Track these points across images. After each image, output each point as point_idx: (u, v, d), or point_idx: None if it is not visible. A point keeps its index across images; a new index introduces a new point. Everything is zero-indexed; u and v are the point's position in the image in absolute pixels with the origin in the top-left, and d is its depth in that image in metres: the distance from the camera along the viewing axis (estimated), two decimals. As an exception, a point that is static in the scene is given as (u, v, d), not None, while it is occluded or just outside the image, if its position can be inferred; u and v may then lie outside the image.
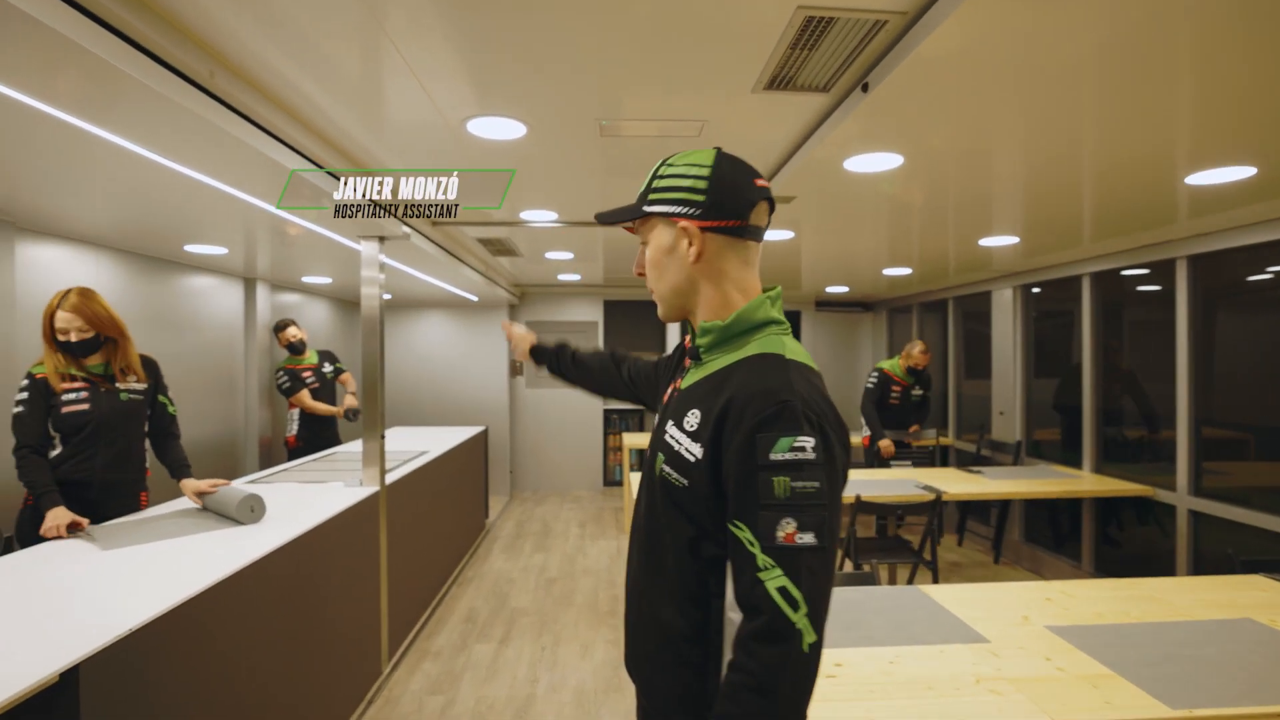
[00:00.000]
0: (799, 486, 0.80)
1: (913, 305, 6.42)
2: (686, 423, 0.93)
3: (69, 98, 1.61)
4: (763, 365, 0.90)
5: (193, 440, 4.18)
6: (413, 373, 7.07)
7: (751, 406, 0.84)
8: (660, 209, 0.98)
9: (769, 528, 0.80)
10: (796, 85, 1.84)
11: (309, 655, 2.39)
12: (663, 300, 1.03)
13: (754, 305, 0.97)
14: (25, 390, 2.34)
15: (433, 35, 1.56)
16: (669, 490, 0.93)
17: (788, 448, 0.81)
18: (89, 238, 3.27)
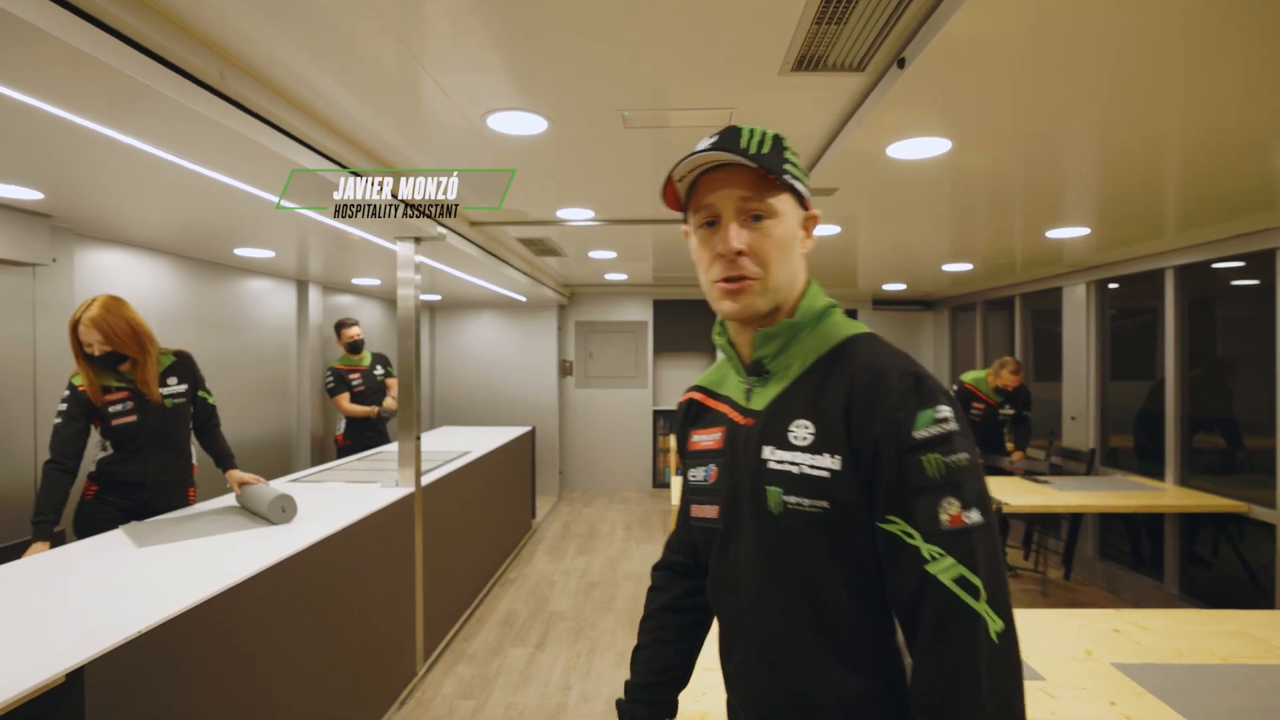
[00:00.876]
0: (952, 460, 0.72)
1: (977, 303, 6.06)
2: (795, 437, 0.81)
3: (98, 109, 1.63)
4: (866, 346, 0.82)
5: (248, 437, 4.33)
6: (464, 372, 7.17)
7: (881, 389, 0.75)
8: (799, 186, 0.86)
9: (930, 513, 0.71)
10: (828, 65, 1.70)
11: (341, 655, 2.39)
12: (771, 291, 0.85)
13: (813, 293, 0.88)
14: (65, 402, 2.34)
15: (455, 29, 1.50)
16: (806, 523, 0.78)
17: (930, 421, 0.73)
18: (146, 243, 3.41)
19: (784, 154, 0.86)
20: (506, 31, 1.53)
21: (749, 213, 0.83)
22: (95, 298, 2.35)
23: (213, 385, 3.91)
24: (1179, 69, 1.52)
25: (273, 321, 4.65)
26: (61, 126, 1.71)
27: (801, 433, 0.80)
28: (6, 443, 2.75)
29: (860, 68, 1.71)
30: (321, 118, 2.03)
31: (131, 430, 2.42)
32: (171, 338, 3.65)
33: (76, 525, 2.45)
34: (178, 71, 1.51)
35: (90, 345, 2.30)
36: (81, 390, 2.34)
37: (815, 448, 0.79)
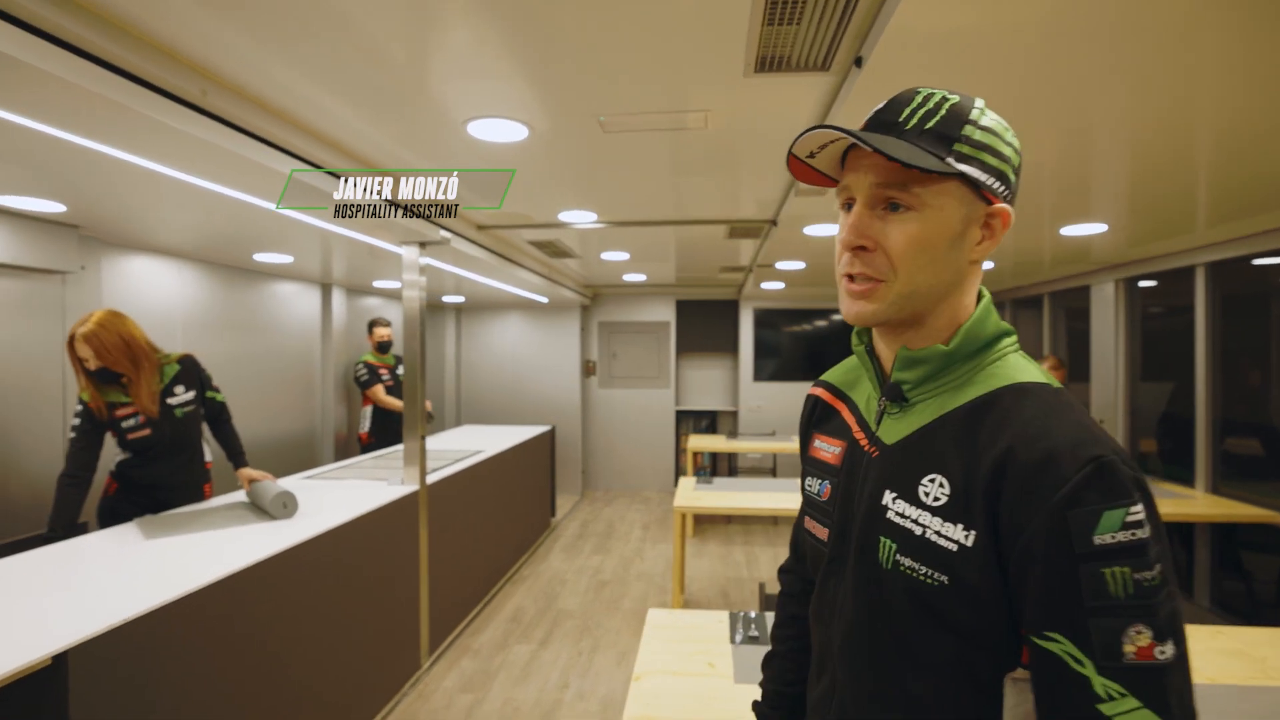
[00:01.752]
0: (1144, 579, 0.58)
1: (1005, 302, 5.88)
2: (924, 494, 0.68)
3: (94, 130, 1.73)
4: (1037, 403, 0.66)
5: (273, 435, 4.50)
6: (489, 372, 7.29)
7: (1050, 470, 0.60)
8: (978, 173, 0.69)
9: (1111, 640, 0.58)
10: (792, 65, 1.69)
11: (342, 646, 2.48)
12: (904, 300, 0.70)
13: (981, 315, 0.72)
14: (78, 417, 2.39)
15: (436, 40, 1.54)
16: (917, 591, 0.68)
17: (1119, 524, 0.58)
18: (171, 250, 3.58)
19: (962, 129, 0.69)
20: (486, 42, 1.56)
21: (885, 200, 0.69)
22: (93, 313, 2.38)
23: (240, 386, 4.08)
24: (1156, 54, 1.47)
25: (298, 324, 4.82)
26: (67, 147, 1.82)
27: (934, 490, 0.68)
28: (37, 442, 2.93)
29: (825, 67, 1.69)
30: (314, 130, 2.11)
31: (147, 442, 2.50)
32: (200, 341, 3.83)
33: (99, 518, 2.60)
34: (162, 93, 1.60)
35: (86, 360, 2.34)
36: (92, 408, 2.39)
37: (947, 513, 0.66)
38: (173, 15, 1.43)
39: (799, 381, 6.92)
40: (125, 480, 2.58)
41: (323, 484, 3.17)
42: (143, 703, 1.64)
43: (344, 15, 1.43)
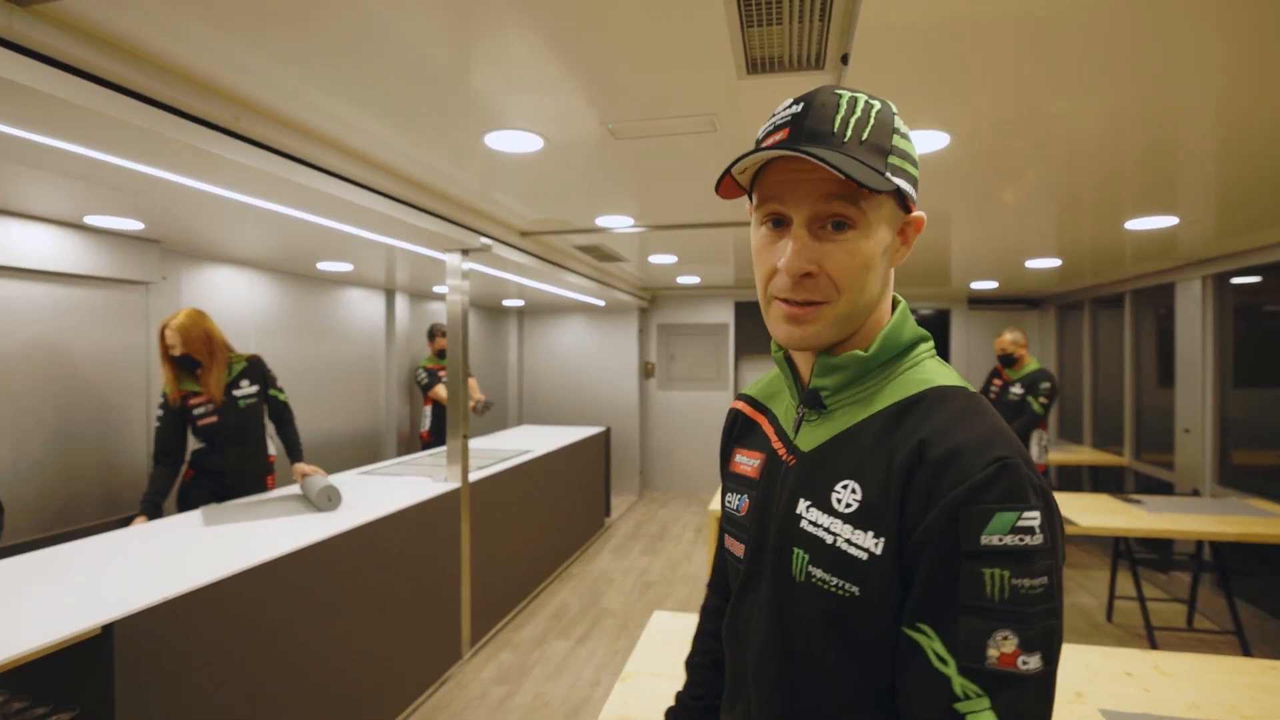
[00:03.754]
0: (1024, 585, 0.56)
1: (1084, 301, 5.50)
2: (837, 500, 0.66)
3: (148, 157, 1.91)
4: (950, 406, 0.65)
5: (340, 433, 4.79)
6: (549, 374, 7.47)
7: (953, 468, 0.59)
8: (904, 184, 0.68)
9: (977, 640, 0.56)
10: (785, 65, 1.67)
11: (382, 633, 2.62)
12: (850, 318, 0.69)
13: (898, 321, 0.71)
14: (161, 407, 2.79)
15: (454, 57, 1.63)
16: (827, 604, 0.65)
17: (1009, 528, 0.57)
18: (243, 260, 3.89)
19: (891, 139, 0.67)
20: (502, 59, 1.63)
21: (829, 218, 0.66)
22: (183, 309, 2.78)
23: (309, 386, 4.39)
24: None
25: (363, 327, 5.12)
26: (128, 173, 2.03)
27: (847, 496, 0.66)
28: (124, 434, 3.26)
29: (819, 65, 1.66)
30: (344, 145, 2.25)
31: (214, 429, 2.84)
32: (272, 345, 4.14)
33: (178, 501, 2.89)
34: (198, 121, 1.76)
35: (172, 347, 2.71)
36: (171, 399, 2.77)
37: (858, 520, 0.64)
38: (205, 49, 1.57)
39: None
40: (199, 467, 2.89)
41: (376, 479, 3.36)
42: (183, 674, 1.80)
43: (362, 39, 1.53)
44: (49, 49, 1.43)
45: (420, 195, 2.76)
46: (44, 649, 1.50)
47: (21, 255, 2.74)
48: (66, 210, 2.68)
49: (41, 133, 1.68)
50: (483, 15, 1.43)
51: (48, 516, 2.93)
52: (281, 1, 1.37)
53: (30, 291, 2.84)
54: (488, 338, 7.07)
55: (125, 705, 1.64)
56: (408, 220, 2.72)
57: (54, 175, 2.17)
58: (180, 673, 1.80)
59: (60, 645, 1.55)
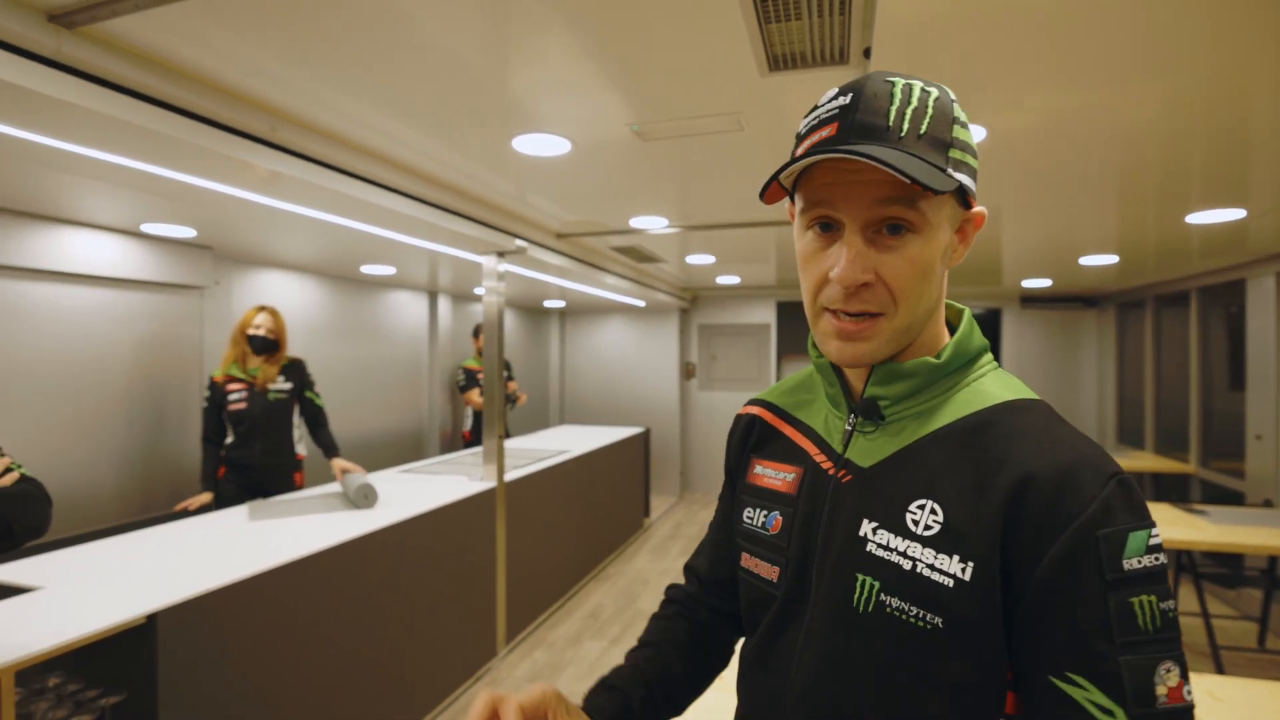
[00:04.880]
0: (1168, 609, 0.52)
1: (1146, 299, 5.22)
2: (914, 522, 0.60)
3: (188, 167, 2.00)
4: (1036, 420, 0.60)
5: (384, 431, 4.92)
6: (590, 374, 7.52)
7: (1073, 487, 0.54)
8: (967, 180, 0.62)
9: (1143, 680, 0.50)
10: (808, 61, 1.64)
11: (418, 629, 2.69)
12: (908, 330, 0.64)
13: (968, 329, 0.66)
14: (208, 390, 3.03)
15: (482, 63, 1.66)
16: (905, 637, 0.59)
17: (1144, 548, 0.52)
18: (292, 265, 4.03)
19: (952, 131, 0.61)
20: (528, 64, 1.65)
21: (884, 221, 0.60)
22: (264, 305, 3.11)
23: (354, 386, 4.52)
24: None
25: (407, 329, 5.25)
26: (173, 183, 2.12)
27: (925, 518, 0.60)
28: (182, 427, 3.44)
29: (843, 60, 1.62)
30: (377, 152, 2.31)
31: (241, 415, 3.01)
32: (319, 346, 4.28)
33: (215, 499, 3.03)
34: (235, 132, 1.83)
35: (260, 327, 3.01)
36: (215, 380, 3.04)
37: (941, 543, 0.58)
38: (244, 64, 1.63)
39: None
40: (229, 463, 3.04)
41: (416, 477, 3.44)
42: (223, 662, 1.88)
43: (391, 48, 1.57)
44: (96, 69, 1.50)
45: (454, 199, 2.81)
46: (93, 635, 1.59)
47: (86, 262, 2.90)
48: (124, 219, 2.83)
49: (91, 146, 1.77)
50: (509, 20, 1.44)
51: (121, 506, 3.11)
52: (317, 18, 1.42)
53: (95, 296, 3.01)
54: (529, 338, 7.16)
55: (168, 691, 1.72)
56: (442, 224, 2.78)
57: (109, 186, 2.29)
58: (220, 661, 1.88)
59: (108, 633, 1.63)
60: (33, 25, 1.38)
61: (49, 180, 2.22)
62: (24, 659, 1.47)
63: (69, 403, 2.91)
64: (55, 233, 2.79)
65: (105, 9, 1.36)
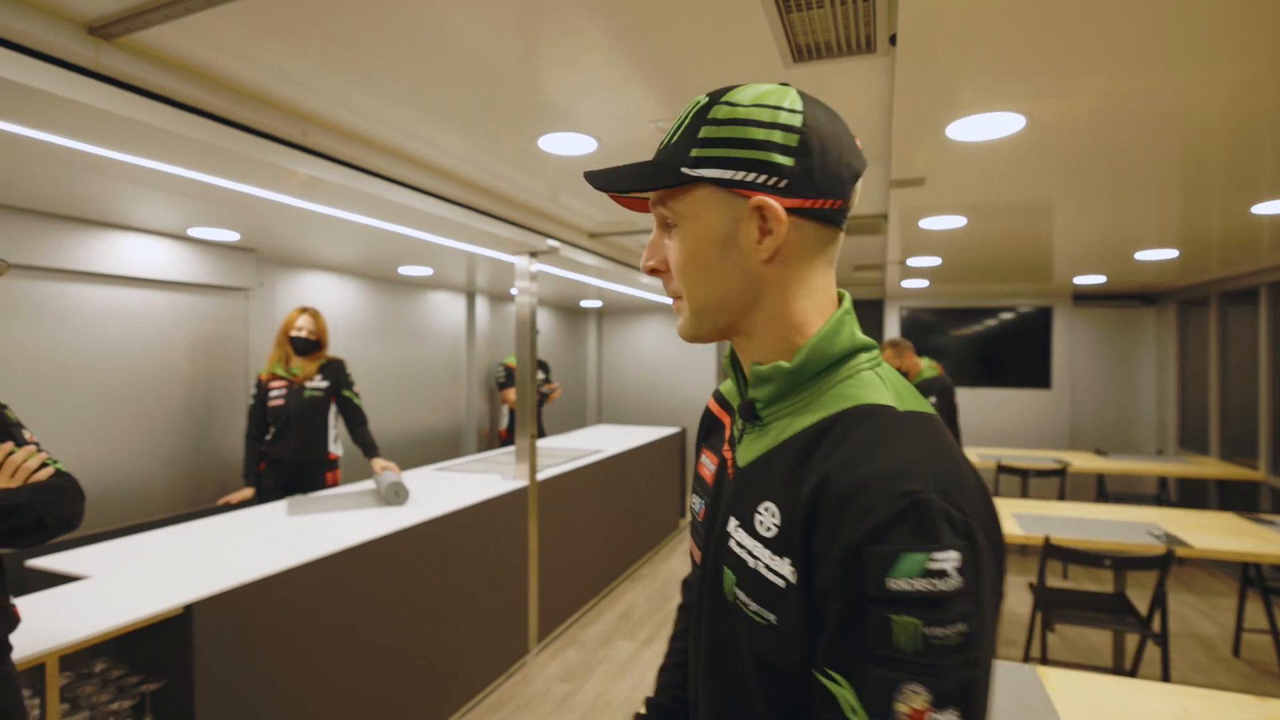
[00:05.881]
0: (936, 636, 0.51)
1: (1210, 295, 4.94)
2: (760, 524, 0.63)
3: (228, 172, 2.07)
4: (868, 430, 0.60)
5: (423, 430, 5.01)
6: (627, 374, 7.52)
7: (857, 501, 0.55)
8: (715, 173, 0.64)
9: (883, 694, 0.52)
10: (833, 51, 1.59)
11: (450, 624, 2.72)
12: (700, 314, 0.68)
13: (830, 330, 0.66)
14: (254, 387, 3.15)
15: (513, 65, 1.67)
16: (749, 630, 0.63)
17: (918, 570, 0.52)
18: (333, 267, 4.14)
19: (699, 132, 0.64)
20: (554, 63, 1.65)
21: (664, 220, 0.69)
22: (306, 306, 3.21)
23: (394, 385, 4.61)
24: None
25: (445, 329, 5.34)
26: (215, 188, 2.20)
27: (767, 518, 0.62)
28: (227, 422, 3.56)
29: (869, 48, 1.56)
30: (409, 155, 2.34)
31: (278, 411, 3.12)
32: (359, 346, 4.38)
33: (256, 494, 3.14)
34: (268, 137, 1.88)
35: (302, 329, 3.12)
36: (261, 378, 3.15)
37: (777, 546, 0.60)
38: (275, 70, 1.68)
39: (959, 387, 6.30)
40: (267, 459, 3.15)
41: (450, 475, 3.49)
42: (257, 653, 1.93)
43: (431, 51, 1.59)
44: (133, 78, 1.56)
45: (486, 200, 2.83)
46: (133, 624, 1.65)
47: (137, 265, 3.03)
48: (172, 223, 2.95)
49: (130, 153, 1.84)
50: (534, 20, 1.44)
51: (170, 499, 3.24)
52: (344, 22, 1.44)
53: (147, 298, 3.15)
54: (567, 338, 7.20)
55: (204, 678, 1.77)
56: (474, 225, 2.80)
57: (154, 191, 2.38)
58: (254, 652, 1.93)
59: (147, 621, 1.69)
60: (74, 37, 1.44)
61: (98, 186, 2.33)
62: (70, 645, 1.53)
63: (124, 401, 3.05)
64: (108, 237, 2.92)
65: (139, 19, 1.41)
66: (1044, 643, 2.74)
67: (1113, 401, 5.90)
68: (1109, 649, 3.43)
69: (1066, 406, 5.93)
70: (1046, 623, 2.76)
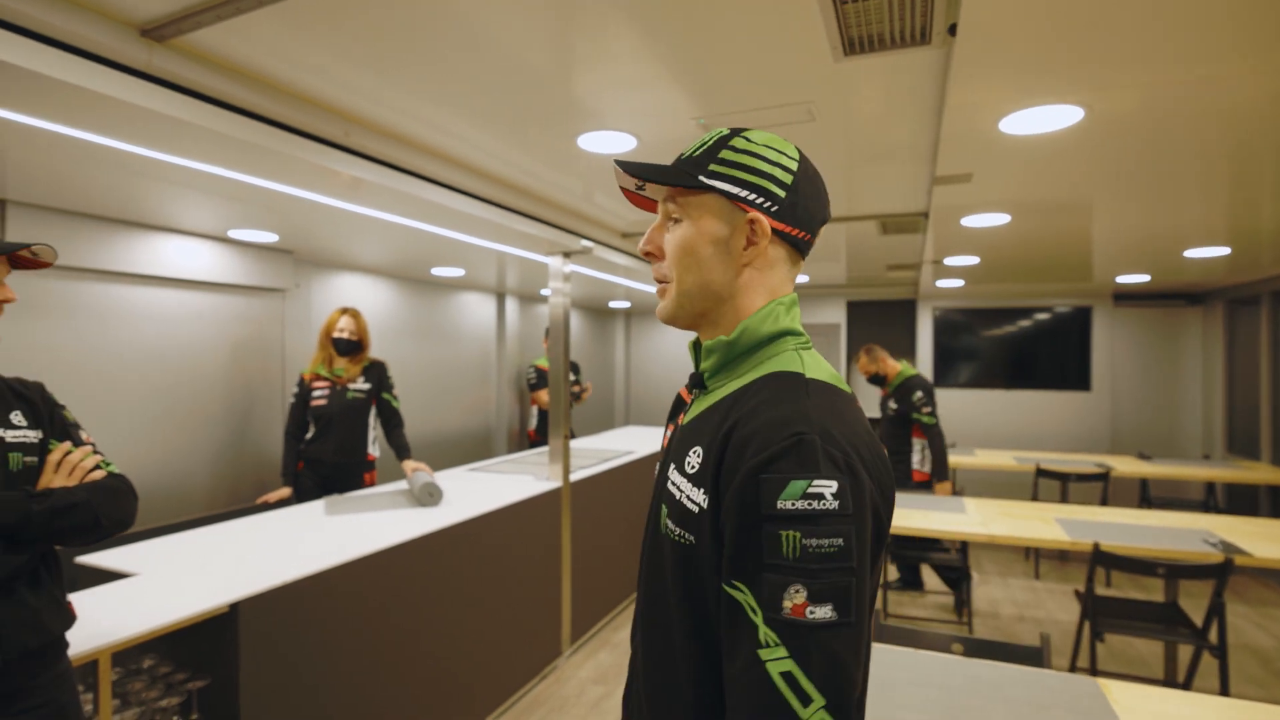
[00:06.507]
0: (813, 545, 0.64)
1: (1261, 295, 4.77)
2: (688, 464, 0.77)
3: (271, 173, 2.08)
4: (775, 388, 0.74)
5: (453, 430, 5.03)
6: (656, 374, 7.50)
7: (755, 440, 0.68)
8: (728, 187, 0.79)
9: (774, 594, 0.64)
10: (886, 43, 1.55)
11: (485, 625, 2.72)
12: (684, 298, 0.82)
13: (763, 314, 0.80)
14: (297, 386, 3.18)
15: (550, 63, 1.66)
16: (675, 551, 0.76)
17: (800, 493, 0.65)
18: (367, 268, 4.17)
19: (719, 153, 0.80)
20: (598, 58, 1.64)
21: (668, 213, 0.84)
22: (347, 307, 3.19)
23: (425, 386, 4.64)
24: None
25: (476, 330, 5.36)
26: (256, 189, 2.22)
27: (693, 459, 0.77)
28: (265, 421, 3.61)
29: (924, 40, 1.52)
30: (447, 154, 2.34)
31: (321, 411, 3.14)
32: (392, 347, 4.42)
33: (295, 492, 3.16)
34: (311, 138, 1.89)
35: (344, 330, 3.12)
36: (304, 378, 3.18)
37: (696, 479, 0.75)
38: (319, 71, 1.68)
39: (994, 389, 6.18)
40: (306, 457, 3.18)
41: (483, 476, 3.49)
42: (298, 651, 1.94)
43: (472, 51, 1.58)
44: (183, 79, 1.57)
45: (521, 200, 2.83)
46: (181, 622, 1.66)
47: (178, 267, 3.08)
48: (213, 225, 2.99)
49: (180, 155, 1.86)
50: (574, 17, 1.42)
51: (211, 498, 3.29)
52: (387, 25, 1.44)
53: (188, 299, 3.20)
54: (595, 339, 7.20)
55: (248, 676, 1.78)
56: (510, 225, 2.80)
57: (199, 193, 2.41)
58: (296, 651, 1.94)
59: (196, 619, 1.70)
60: (128, 40, 1.46)
61: (143, 189, 2.36)
62: (122, 641, 1.55)
63: (166, 400, 3.10)
64: (150, 239, 2.97)
65: (191, 20, 1.42)
66: (1093, 653, 2.66)
67: (1155, 404, 5.73)
68: (1156, 660, 3.32)
69: (1107, 409, 5.77)
70: (1096, 632, 2.67)
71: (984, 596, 4.23)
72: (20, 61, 1.30)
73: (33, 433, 1.29)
